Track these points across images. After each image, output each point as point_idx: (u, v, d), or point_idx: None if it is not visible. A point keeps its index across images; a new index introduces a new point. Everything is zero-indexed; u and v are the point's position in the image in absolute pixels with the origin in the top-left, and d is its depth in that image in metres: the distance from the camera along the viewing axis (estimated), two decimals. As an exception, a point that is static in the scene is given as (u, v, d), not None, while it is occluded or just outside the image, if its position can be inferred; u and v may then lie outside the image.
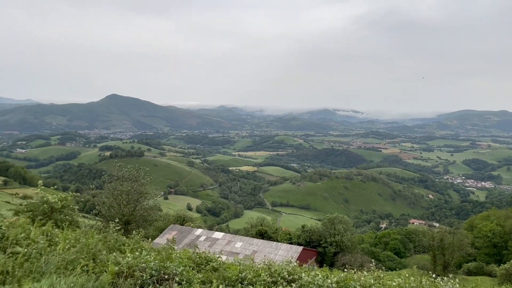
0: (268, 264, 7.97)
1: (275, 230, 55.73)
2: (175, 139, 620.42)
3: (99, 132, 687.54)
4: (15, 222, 11.75)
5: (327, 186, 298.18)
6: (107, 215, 39.70)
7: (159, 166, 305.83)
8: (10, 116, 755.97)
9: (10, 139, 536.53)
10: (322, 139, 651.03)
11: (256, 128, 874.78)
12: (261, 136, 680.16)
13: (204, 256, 8.36)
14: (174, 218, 58.65)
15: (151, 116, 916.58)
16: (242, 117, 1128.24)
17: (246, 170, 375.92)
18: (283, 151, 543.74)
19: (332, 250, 49.52)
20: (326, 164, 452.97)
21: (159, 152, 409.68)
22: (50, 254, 8.78)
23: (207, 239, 42.51)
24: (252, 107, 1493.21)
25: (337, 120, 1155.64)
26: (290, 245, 42.16)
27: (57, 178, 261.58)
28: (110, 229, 10.11)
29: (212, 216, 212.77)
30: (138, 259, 7.26)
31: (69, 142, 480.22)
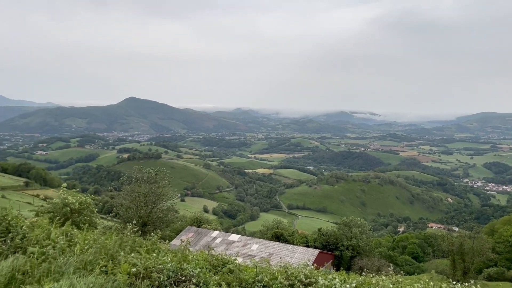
0: (285, 267, 7.92)
1: (291, 233, 55.55)
2: (192, 141, 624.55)
3: (117, 134, 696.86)
4: (36, 222, 11.97)
5: (344, 189, 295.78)
6: (124, 216, 40.21)
7: (176, 168, 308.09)
8: (31, 119, 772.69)
9: (31, 141, 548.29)
10: (338, 142, 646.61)
11: (272, 131, 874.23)
12: (277, 139, 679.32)
13: (221, 258, 8.36)
14: (191, 220, 59.04)
15: (169, 118, 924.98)
16: (258, 119, 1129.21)
17: (262, 172, 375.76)
18: (299, 153, 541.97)
19: (348, 253, 49.06)
20: (343, 166, 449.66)
21: (176, 154, 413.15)
22: (69, 255, 8.91)
23: (223, 241, 42.61)
24: (268, 109, 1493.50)
25: (354, 123, 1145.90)
26: (306, 248, 41.96)
27: (77, 179, 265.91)
28: (128, 231, 10.21)
29: (228, 218, 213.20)
30: (155, 260, 7.31)
31: (88, 145, 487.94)
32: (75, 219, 18.68)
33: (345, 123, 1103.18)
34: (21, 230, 10.60)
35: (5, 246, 9.85)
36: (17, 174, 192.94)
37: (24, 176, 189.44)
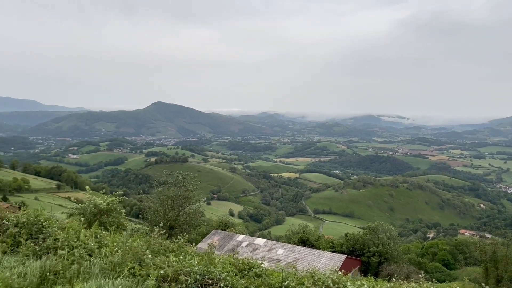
0: (312, 272, 7.80)
1: (317, 237, 55.01)
2: (218, 145, 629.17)
3: (145, 138, 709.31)
4: (67, 224, 12.27)
5: (371, 193, 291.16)
6: (152, 219, 40.85)
7: (202, 171, 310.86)
8: (63, 123, 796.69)
9: (63, 145, 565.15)
10: (366, 146, 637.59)
11: (298, 134, 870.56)
12: (303, 143, 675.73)
13: (247, 262, 8.33)
14: (217, 224, 59.31)
15: (195, 122, 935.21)
16: (284, 123, 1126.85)
17: (287, 176, 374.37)
18: (326, 157, 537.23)
19: (376, 259, 48.12)
20: (370, 171, 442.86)
21: (202, 158, 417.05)
22: (98, 256, 9.09)
23: (249, 245, 42.60)
24: (293, 113, 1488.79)
25: (382, 126, 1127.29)
26: (333, 253, 41.44)
27: (106, 182, 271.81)
28: (155, 233, 10.33)
29: (254, 222, 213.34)
30: (182, 263, 7.35)
31: (117, 148, 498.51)
32: (103, 220, 19.08)
33: (372, 126, 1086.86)
34: (52, 231, 10.89)
35: (37, 247, 10.13)
36: (49, 177, 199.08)
37: (56, 179, 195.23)
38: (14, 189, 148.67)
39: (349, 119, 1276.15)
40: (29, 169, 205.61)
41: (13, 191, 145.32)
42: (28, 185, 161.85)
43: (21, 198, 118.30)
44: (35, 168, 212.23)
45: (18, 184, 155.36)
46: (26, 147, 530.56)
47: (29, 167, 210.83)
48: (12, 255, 10.24)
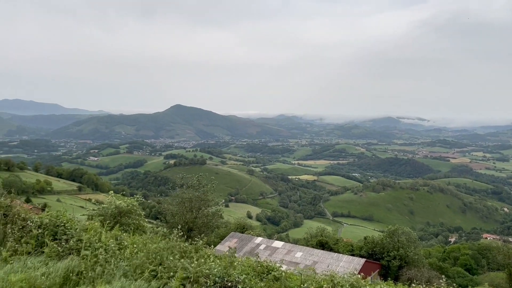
0: (331, 275, 7.76)
1: (336, 241, 54.58)
2: (236, 147, 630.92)
3: (164, 141, 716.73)
4: (88, 225, 12.49)
5: (391, 196, 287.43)
6: (171, 221, 41.23)
7: (220, 174, 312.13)
8: (84, 126, 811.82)
9: (84, 147, 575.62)
10: (385, 148, 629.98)
11: (316, 137, 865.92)
12: (321, 145, 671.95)
13: (266, 265, 8.33)
14: (235, 226, 59.45)
15: (213, 125, 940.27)
16: (302, 125, 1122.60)
17: (305, 179, 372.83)
18: (344, 160, 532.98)
19: (396, 263, 47.43)
20: (389, 174, 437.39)
21: (221, 160, 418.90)
22: (119, 258, 9.23)
23: (267, 247, 42.54)
24: (311, 115, 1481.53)
25: (401, 128, 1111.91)
26: (352, 256, 41.03)
27: (125, 185, 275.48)
28: (174, 235, 10.42)
29: (272, 224, 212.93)
30: (202, 265, 7.40)
31: (137, 151, 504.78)
32: (123, 222, 19.35)
33: (391, 128, 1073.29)
34: (75, 232, 11.11)
35: (60, 248, 10.35)
36: (71, 179, 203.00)
37: (77, 181, 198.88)
38: (37, 190, 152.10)
39: (368, 121, 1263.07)
40: (52, 171, 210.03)
41: (36, 192, 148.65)
42: (50, 187, 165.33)
43: (44, 200, 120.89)
44: (57, 171, 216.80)
45: (41, 186, 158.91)
46: (48, 150, 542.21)
47: (51, 169, 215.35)
48: (36, 256, 10.49)
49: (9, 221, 12.46)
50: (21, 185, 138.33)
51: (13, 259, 10.40)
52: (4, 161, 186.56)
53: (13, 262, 10.08)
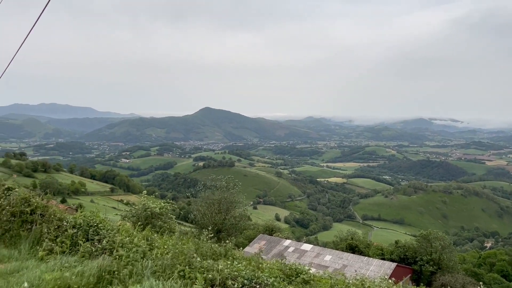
0: (361, 280, 7.61)
1: (366, 244, 53.67)
2: (264, 150, 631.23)
3: (193, 143, 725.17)
4: (120, 226, 12.77)
5: (422, 200, 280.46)
6: (200, 222, 41.67)
7: (249, 176, 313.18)
8: (116, 129, 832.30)
9: (116, 150, 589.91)
10: (417, 150, 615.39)
11: (345, 139, 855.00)
12: (350, 147, 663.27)
13: (294, 267, 8.27)
14: (263, 228, 59.42)
15: (241, 127, 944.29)
16: (330, 127, 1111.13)
17: (334, 181, 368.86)
18: (374, 162, 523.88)
19: (429, 268, 46.17)
20: (421, 176, 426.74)
21: (249, 162, 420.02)
22: (150, 258, 9.39)
23: (295, 250, 42.31)
24: (340, 117, 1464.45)
25: (434, 130, 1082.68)
26: (382, 260, 40.27)
27: (156, 186, 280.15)
28: (204, 237, 10.50)
29: (300, 227, 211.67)
30: (230, 267, 7.42)
31: (167, 153, 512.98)
32: (154, 224, 19.70)
33: (423, 130, 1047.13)
34: (107, 233, 11.38)
35: (93, 248, 10.63)
36: (103, 180, 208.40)
37: (110, 182, 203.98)
38: (72, 191, 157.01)
39: (398, 122, 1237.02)
40: (86, 173, 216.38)
41: (71, 193, 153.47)
42: (84, 188, 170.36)
43: (78, 200, 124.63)
44: (91, 172, 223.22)
45: (76, 187, 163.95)
46: (82, 152, 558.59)
47: (85, 171, 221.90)
48: (70, 255, 10.81)
49: (46, 221, 12.90)
50: (57, 186, 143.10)
51: (49, 258, 10.76)
52: (41, 163, 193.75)
53: (49, 261, 10.42)
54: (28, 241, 12.50)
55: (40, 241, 12.17)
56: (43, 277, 8.88)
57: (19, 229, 13.15)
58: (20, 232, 13.02)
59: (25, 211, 13.44)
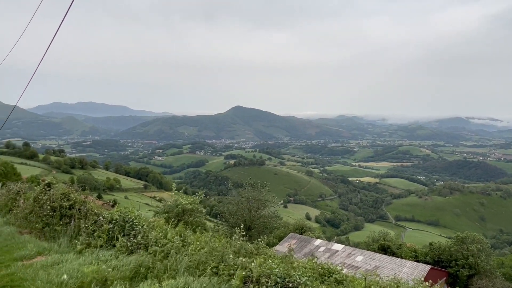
0: (396, 281, 7.45)
1: (399, 245, 52.49)
2: (294, 148, 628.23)
3: (224, 141, 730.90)
4: (154, 222, 13.06)
5: (459, 201, 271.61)
6: (230, 220, 42.01)
7: (279, 174, 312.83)
8: (150, 127, 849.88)
9: (149, 147, 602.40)
10: (453, 150, 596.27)
11: (378, 138, 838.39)
12: (383, 146, 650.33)
13: (327, 267, 8.19)
14: (294, 227, 59.18)
15: (272, 126, 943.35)
16: (363, 126, 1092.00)
17: (367, 181, 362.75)
18: (408, 162, 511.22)
19: (466, 272, 44.69)
20: (457, 177, 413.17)
21: (279, 161, 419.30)
22: (183, 254, 9.56)
23: (326, 250, 41.92)
24: (373, 115, 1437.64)
25: (471, 129, 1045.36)
26: (416, 262, 39.30)
27: (188, 183, 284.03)
28: (236, 234, 10.57)
29: (331, 227, 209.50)
30: (263, 265, 7.43)
31: (198, 151, 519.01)
32: (186, 220, 19.99)
33: (460, 129, 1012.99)
34: (142, 228, 11.67)
35: (129, 243, 10.91)
36: (137, 177, 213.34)
37: (143, 179, 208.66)
38: (107, 187, 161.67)
39: (434, 121, 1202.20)
40: (120, 169, 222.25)
41: (106, 189, 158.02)
42: (119, 185, 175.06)
43: (113, 197, 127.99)
44: (125, 169, 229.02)
45: (111, 183, 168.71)
46: (117, 149, 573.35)
47: (120, 168, 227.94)
48: (107, 249, 11.15)
49: (83, 216, 13.36)
50: (93, 182, 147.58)
51: (86, 251, 11.13)
52: (78, 159, 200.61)
53: (87, 254, 10.79)
54: (67, 235, 12.98)
55: (78, 235, 12.61)
56: (82, 270, 9.20)
57: (58, 223, 13.67)
58: (59, 226, 13.54)
59: (65, 206, 13.96)
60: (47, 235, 13.60)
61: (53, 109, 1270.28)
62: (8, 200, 19.99)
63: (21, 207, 17.25)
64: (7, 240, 13.45)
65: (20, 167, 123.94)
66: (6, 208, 19.59)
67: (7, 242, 13.16)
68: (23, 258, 11.09)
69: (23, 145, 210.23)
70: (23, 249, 11.87)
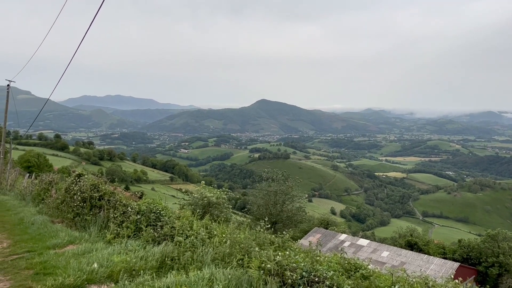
0: (424, 278, 7.30)
1: (426, 242, 51.57)
2: (320, 142, 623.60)
3: (249, 135, 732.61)
4: (181, 214, 13.24)
5: (490, 198, 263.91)
6: (256, 213, 42.14)
7: (304, 168, 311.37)
8: (176, 120, 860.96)
9: (176, 140, 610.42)
10: (484, 145, 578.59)
11: (406, 132, 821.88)
12: (411, 141, 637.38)
13: (353, 262, 8.11)
14: (318, 221, 59.04)
15: (297, 119, 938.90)
16: (390, 120, 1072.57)
17: (393, 176, 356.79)
18: (437, 157, 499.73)
19: (495, 271, 43.52)
20: (489, 173, 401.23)
21: (304, 155, 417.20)
22: (209, 246, 9.66)
23: (351, 245, 41.59)
24: (401, 109, 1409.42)
25: (504, 124, 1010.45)
26: (444, 259, 38.50)
27: (213, 176, 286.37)
28: (261, 227, 10.59)
29: (357, 222, 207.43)
30: (288, 258, 7.43)
31: (224, 144, 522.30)
32: (212, 213, 20.20)
33: (492, 124, 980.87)
34: (168, 220, 11.85)
35: (156, 234, 11.11)
36: (164, 169, 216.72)
37: (170, 171, 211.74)
38: (134, 179, 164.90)
39: (464, 115, 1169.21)
40: (147, 162, 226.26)
41: (133, 181, 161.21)
42: (146, 177, 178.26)
43: (140, 188, 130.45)
44: (152, 161, 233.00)
45: (138, 175, 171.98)
46: (144, 142, 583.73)
47: (147, 160, 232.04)
48: (135, 240, 11.39)
49: (112, 207, 13.67)
50: (121, 174, 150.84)
51: (115, 241, 11.40)
52: (107, 151, 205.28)
53: (116, 244, 11.04)
54: (97, 225, 13.33)
55: (107, 225, 12.94)
56: (111, 259, 9.43)
57: (89, 213, 14.06)
58: (89, 216, 13.92)
59: (94, 197, 14.34)
60: (77, 225, 14.02)
61: (83, 102, 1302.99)
62: (41, 190, 20.70)
63: (53, 197, 17.83)
64: (40, 229, 13.94)
65: (51, 158, 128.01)
66: (39, 197, 20.29)
67: (40, 231, 13.64)
68: (55, 246, 11.47)
69: (54, 137, 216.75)
70: (55, 238, 12.27)
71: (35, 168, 73.49)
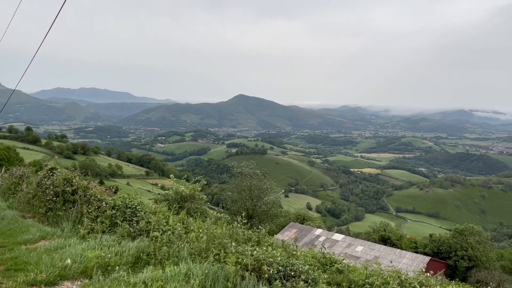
0: (397, 271, 7.48)
1: (399, 237, 52.78)
2: (297, 138, 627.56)
3: (226, 130, 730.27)
4: (157, 209, 13.12)
5: (460, 194, 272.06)
6: (231, 208, 42.20)
7: (281, 164, 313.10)
8: (152, 114, 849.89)
9: (152, 134, 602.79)
10: (455, 142, 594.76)
11: (381, 129, 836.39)
12: (385, 137, 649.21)
13: (329, 257, 8.24)
14: (294, 216, 59.44)
15: (275, 115, 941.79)
16: (366, 117, 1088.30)
17: (368, 172, 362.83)
18: (410, 153, 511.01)
19: (465, 264, 44.97)
20: (459, 169, 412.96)
21: (281, 150, 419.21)
22: (185, 241, 9.61)
23: (326, 239, 42.13)
24: (376, 106, 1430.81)
25: (474, 122, 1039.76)
26: (415, 254, 39.51)
27: (190, 171, 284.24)
28: (238, 222, 10.61)
29: (332, 217, 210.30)
30: (265, 253, 7.48)
31: (201, 139, 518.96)
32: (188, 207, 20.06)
33: (463, 122, 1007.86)
34: (144, 215, 11.73)
35: (132, 229, 10.98)
36: (139, 164, 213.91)
37: (145, 166, 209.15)
38: (109, 174, 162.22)
39: (437, 113, 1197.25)
40: (122, 156, 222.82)
41: (108, 175, 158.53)
42: (121, 171, 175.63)
43: (115, 183, 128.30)
44: (127, 156, 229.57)
45: (113, 169, 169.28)
46: (119, 136, 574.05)
47: (122, 154, 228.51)
48: (110, 235, 11.22)
49: (86, 201, 13.42)
50: (95, 168, 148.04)
51: (90, 236, 11.21)
52: (81, 145, 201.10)
53: (90, 239, 10.86)
54: (70, 220, 13.06)
55: (81, 220, 12.69)
56: (85, 255, 9.27)
57: (61, 208, 13.74)
58: (62, 211, 13.61)
59: (68, 191, 14.02)
60: (50, 220, 13.68)
61: (56, 94, 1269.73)
62: (11, 184, 20.09)
63: (24, 192, 17.34)
64: (10, 224, 13.55)
65: (22, 151, 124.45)
66: (9, 192, 19.70)
67: (11, 226, 13.26)
68: (27, 242, 11.18)
69: (25, 130, 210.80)
70: (27, 233, 11.96)
71: (5, 162, 71.27)
